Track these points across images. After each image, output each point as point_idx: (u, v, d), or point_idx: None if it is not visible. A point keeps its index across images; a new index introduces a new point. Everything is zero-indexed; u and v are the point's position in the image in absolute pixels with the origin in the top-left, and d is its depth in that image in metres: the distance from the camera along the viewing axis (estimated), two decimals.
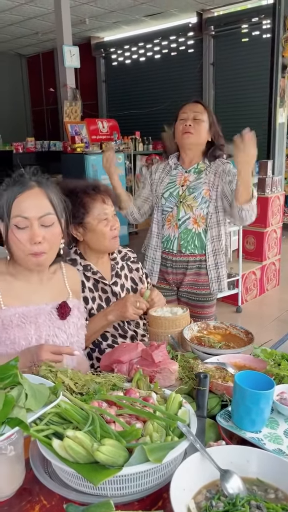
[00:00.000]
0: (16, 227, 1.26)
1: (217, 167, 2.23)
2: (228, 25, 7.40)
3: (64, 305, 1.38)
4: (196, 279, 2.26)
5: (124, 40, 8.96)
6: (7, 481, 0.92)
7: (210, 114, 2.23)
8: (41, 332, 1.32)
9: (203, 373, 1.15)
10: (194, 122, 2.18)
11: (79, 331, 1.43)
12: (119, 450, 0.87)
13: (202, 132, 2.19)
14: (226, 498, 0.85)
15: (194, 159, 2.26)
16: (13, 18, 7.73)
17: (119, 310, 1.64)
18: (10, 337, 1.28)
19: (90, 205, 1.68)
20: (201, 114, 2.19)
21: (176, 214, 2.22)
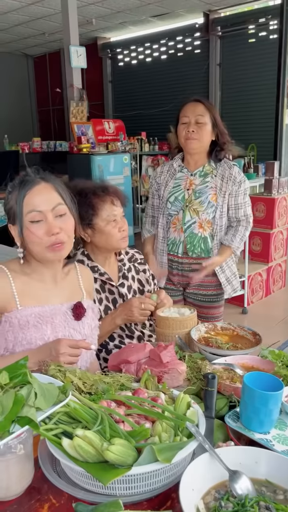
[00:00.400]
0: (31, 223, 1.27)
1: (224, 171, 2.20)
2: (235, 26, 7.38)
3: (79, 305, 1.38)
4: (202, 280, 2.25)
5: (131, 41, 8.96)
6: (17, 479, 0.92)
7: (213, 113, 2.17)
8: (57, 333, 1.32)
9: (211, 373, 1.16)
10: (197, 127, 2.13)
11: (93, 331, 1.44)
12: (129, 449, 0.87)
13: (205, 135, 2.15)
14: (235, 498, 0.85)
15: (199, 161, 2.23)
16: (20, 19, 7.75)
17: (125, 314, 1.65)
18: (27, 337, 1.28)
19: (99, 206, 1.68)
20: (203, 116, 2.13)
21: (181, 218, 2.21)
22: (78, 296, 1.45)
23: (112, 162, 6.07)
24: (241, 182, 2.20)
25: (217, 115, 2.19)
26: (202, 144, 2.17)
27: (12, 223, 1.31)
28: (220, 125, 2.18)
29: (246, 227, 2.26)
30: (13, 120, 10.03)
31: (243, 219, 2.24)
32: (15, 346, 1.29)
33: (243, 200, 2.23)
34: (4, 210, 1.34)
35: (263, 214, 4.65)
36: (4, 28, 8.34)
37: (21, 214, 1.27)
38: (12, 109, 10.18)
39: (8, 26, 8.23)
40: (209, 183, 2.19)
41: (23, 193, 1.27)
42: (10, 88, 10.18)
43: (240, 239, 2.24)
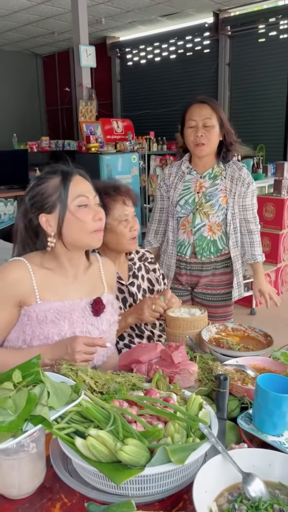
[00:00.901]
0: (78, 208, 1.30)
1: (233, 172, 2.18)
2: (245, 25, 7.33)
3: (98, 301, 1.38)
4: (211, 280, 2.25)
5: (140, 40, 8.95)
6: (29, 478, 0.92)
7: (219, 113, 2.13)
8: (74, 329, 1.32)
9: (223, 375, 1.15)
10: (205, 130, 2.09)
11: (111, 327, 1.43)
12: (142, 450, 0.87)
13: (214, 138, 2.12)
14: (249, 501, 0.84)
15: (208, 163, 2.21)
16: (30, 18, 7.76)
17: (136, 313, 1.65)
18: (44, 332, 1.29)
19: (110, 206, 1.67)
20: (211, 119, 2.09)
21: (191, 221, 2.20)
22: (99, 290, 1.44)
23: (120, 161, 6.07)
24: (249, 183, 2.19)
25: (223, 114, 2.15)
26: (211, 148, 2.15)
27: (48, 212, 1.31)
28: (226, 125, 2.15)
29: (257, 231, 2.26)
30: (22, 119, 10.06)
31: (253, 221, 2.24)
32: (32, 340, 1.29)
33: (251, 201, 2.22)
34: (33, 201, 1.33)
35: (272, 214, 4.63)
36: (13, 27, 8.36)
37: (66, 200, 1.29)
38: (21, 108, 10.20)
39: (18, 25, 8.25)
40: (219, 186, 2.18)
41: (69, 179, 1.31)
42: (19, 87, 10.20)
43: (259, 247, 2.27)
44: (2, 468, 0.91)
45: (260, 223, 2.35)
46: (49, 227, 1.31)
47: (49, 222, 1.31)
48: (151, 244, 2.35)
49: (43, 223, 1.32)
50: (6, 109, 9.45)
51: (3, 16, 7.66)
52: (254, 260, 2.26)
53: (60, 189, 1.30)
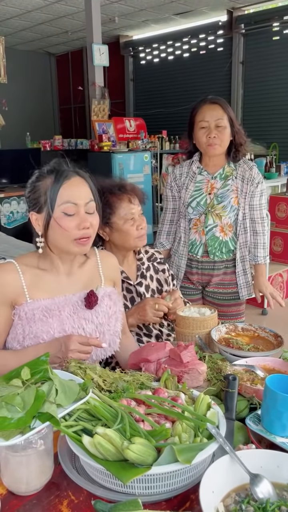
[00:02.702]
0: (64, 214, 1.27)
1: (244, 172, 2.17)
2: (259, 23, 7.28)
3: (91, 294, 1.36)
4: (222, 279, 2.24)
5: (153, 39, 8.93)
6: (37, 474, 0.93)
7: (230, 113, 2.11)
8: (64, 325, 1.31)
9: (232, 375, 1.14)
10: (218, 131, 2.08)
11: (110, 319, 1.40)
12: (149, 449, 0.87)
13: (226, 139, 2.11)
14: (256, 502, 0.84)
15: (218, 163, 2.20)
16: (44, 17, 7.81)
17: (138, 314, 1.65)
18: (33, 331, 1.29)
19: (116, 204, 1.67)
20: (222, 119, 2.08)
21: (204, 221, 2.19)
22: (95, 283, 1.43)
23: (132, 160, 6.08)
24: (258, 183, 2.17)
25: (233, 114, 2.14)
26: (224, 148, 2.14)
27: (38, 211, 1.30)
28: (236, 125, 2.13)
29: (262, 232, 2.23)
30: (35, 118, 10.12)
31: (259, 222, 2.21)
32: (24, 339, 1.29)
33: (259, 201, 2.19)
34: (28, 197, 1.33)
35: (285, 214, 4.59)
36: (28, 27, 8.42)
37: (53, 204, 1.26)
38: (34, 107, 10.27)
39: (32, 25, 8.30)
40: (230, 186, 2.16)
41: (60, 182, 1.27)
42: (33, 86, 10.27)
43: (263, 250, 2.24)
44: (10, 464, 0.92)
45: (272, 222, 2.35)
46: (37, 226, 1.31)
47: (38, 221, 1.31)
48: (164, 246, 2.35)
49: (33, 221, 1.32)
50: (19, 108, 9.51)
51: (17, 16, 7.71)
52: (255, 262, 2.24)
53: (49, 191, 1.27)
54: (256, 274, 2.26)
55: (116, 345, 1.45)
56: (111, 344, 1.43)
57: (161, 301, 1.65)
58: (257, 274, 2.26)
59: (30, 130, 8.53)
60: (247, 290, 2.27)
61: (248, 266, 2.27)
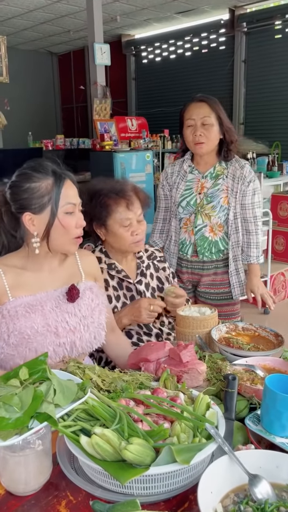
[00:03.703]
0: (65, 214, 1.32)
1: (235, 171, 2.14)
2: (261, 22, 7.25)
3: (72, 288, 1.39)
4: (213, 279, 2.23)
5: (155, 38, 8.92)
6: (35, 475, 0.92)
7: (218, 111, 2.10)
8: (47, 320, 1.33)
9: (231, 374, 1.14)
10: (204, 129, 2.07)
11: (94, 312, 1.42)
12: (147, 449, 0.87)
13: (213, 137, 2.09)
14: (255, 503, 0.83)
15: (209, 161, 2.18)
16: (46, 16, 7.80)
17: (132, 315, 1.64)
18: (17, 327, 1.30)
19: (112, 208, 1.66)
20: (209, 117, 2.07)
21: (193, 221, 2.17)
22: (76, 279, 1.46)
23: (134, 159, 6.06)
24: (250, 181, 2.14)
25: (222, 112, 2.12)
26: (211, 146, 2.12)
27: (36, 212, 1.31)
28: (226, 123, 2.11)
29: (255, 231, 2.20)
30: (37, 117, 10.13)
31: (252, 221, 2.18)
32: (9, 337, 1.30)
33: (251, 200, 2.16)
34: (23, 198, 1.31)
35: (287, 213, 4.57)
36: (29, 26, 8.41)
37: (57, 205, 1.31)
38: (36, 106, 10.27)
39: (34, 24, 8.30)
40: (220, 186, 2.14)
41: (62, 184, 1.32)
42: (35, 86, 10.27)
43: (255, 249, 2.21)
44: (8, 465, 0.91)
45: (274, 221, 2.33)
46: (32, 227, 1.32)
47: (32, 221, 1.31)
48: (157, 244, 2.34)
49: (26, 221, 1.31)
50: (21, 107, 9.52)
51: (19, 15, 7.71)
52: (247, 261, 2.22)
53: (52, 193, 1.31)
54: (249, 274, 2.24)
55: (102, 338, 1.46)
56: (96, 337, 1.44)
57: (156, 301, 1.64)
58: (250, 274, 2.23)
59: (32, 129, 8.54)
60: (240, 290, 2.25)
61: (241, 266, 2.25)
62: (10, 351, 1.31)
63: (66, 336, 1.35)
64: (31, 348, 1.29)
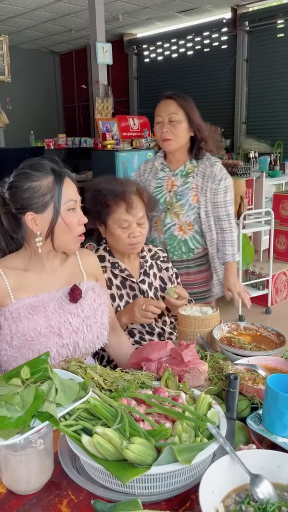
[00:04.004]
0: (68, 211, 1.32)
1: (205, 169, 2.13)
2: (264, 20, 7.24)
3: (74, 288, 1.38)
4: (186, 279, 2.21)
5: (157, 37, 8.92)
6: (36, 474, 0.92)
7: (188, 108, 2.08)
8: (50, 321, 1.32)
9: (233, 374, 1.14)
10: (171, 126, 2.06)
11: (96, 312, 1.42)
12: (148, 449, 0.87)
13: (181, 134, 2.08)
14: (256, 503, 0.83)
15: (181, 159, 2.17)
16: (48, 15, 7.81)
17: (128, 314, 1.64)
18: (20, 329, 1.29)
19: (112, 208, 1.65)
20: (176, 114, 2.06)
21: (163, 219, 2.17)
22: (78, 279, 1.45)
23: (136, 158, 6.06)
24: (221, 179, 2.12)
25: (192, 109, 2.10)
26: (179, 143, 2.11)
27: (38, 211, 1.30)
28: (196, 120, 2.09)
29: (230, 229, 2.19)
30: (39, 116, 10.13)
31: (225, 219, 2.17)
32: (12, 339, 1.29)
33: (223, 199, 2.15)
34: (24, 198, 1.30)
35: None
36: (31, 25, 8.41)
37: (59, 202, 1.30)
38: (38, 105, 10.28)
39: (36, 23, 8.30)
40: (190, 184, 2.13)
41: (62, 181, 1.32)
42: (37, 85, 10.28)
43: (231, 247, 2.20)
44: (10, 464, 0.91)
45: (276, 220, 2.32)
46: (35, 226, 1.31)
47: (35, 221, 1.31)
48: None
49: (28, 221, 1.30)
50: (23, 106, 9.53)
51: (21, 14, 7.71)
52: (223, 259, 2.20)
53: (54, 190, 1.30)
54: (226, 273, 2.22)
55: (104, 338, 1.46)
56: (99, 337, 1.43)
57: (152, 301, 1.61)
58: (227, 272, 2.21)
59: (34, 128, 8.54)
60: (220, 288, 2.25)
61: (218, 264, 2.24)
62: (13, 353, 1.30)
63: (69, 337, 1.34)
64: (34, 350, 1.29)
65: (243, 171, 5.34)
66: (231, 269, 2.21)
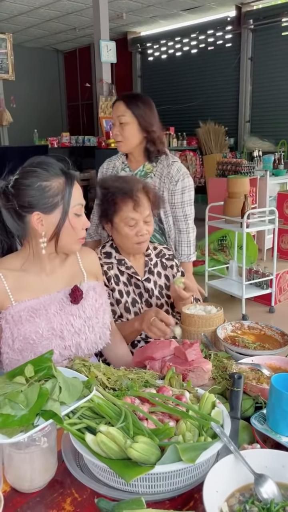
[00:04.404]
0: (75, 215, 1.32)
1: (162, 169, 2.11)
2: (268, 19, 7.22)
3: (75, 289, 1.36)
4: None
5: (161, 35, 8.91)
6: (40, 472, 0.92)
7: (136, 109, 2.06)
8: (52, 323, 1.31)
9: (237, 373, 1.13)
10: (120, 128, 2.06)
11: (98, 312, 1.41)
12: (152, 448, 0.86)
13: (129, 135, 2.07)
14: (260, 503, 0.83)
15: (140, 159, 2.16)
16: (52, 14, 7.81)
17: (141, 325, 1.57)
18: (21, 332, 1.28)
19: (119, 207, 1.65)
20: (124, 116, 2.05)
21: None
22: (79, 278, 1.44)
23: None
24: (178, 180, 2.10)
25: (141, 110, 2.08)
26: (129, 145, 2.11)
27: (44, 211, 1.28)
28: (146, 121, 2.08)
29: (186, 230, 2.18)
30: (43, 115, 10.14)
31: (182, 220, 2.16)
32: (14, 343, 1.28)
33: (180, 199, 2.13)
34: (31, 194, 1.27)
35: None
36: (35, 24, 8.42)
37: (69, 205, 1.30)
38: (42, 104, 10.28)
39: (40, 22, 8.30)
40: None
41: (72, 184, 1.32)
42: (41, 83, 10.29)
43: (186, 247, 2.19)
44: (13, 462, 0.92)
45: (280, 219, 2.30)
46: (40, 227, 1.28)
47: (41, 221, 1.28)
48: (92, 236, 2.30)
49: (34, 221, 1.28)
50: (27, 105, 9.54)
51: (25, 13, 7.72)
52: (179, 259, 2.18)
53: (64, 192, 1.29)
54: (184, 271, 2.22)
55: (106, 337, 1.45)
56: (101, 337, 1.42)
57: (161, 315, 1.51)
58: (185, 271, 2.16)
59: (37, 127, 8.55)
60: None
61: None
62: (15, 356, 1.29)
63: (71, 339, 1.33)
64: (36, 353, 1.27)
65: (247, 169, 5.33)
66: (187, 269, 2.20)
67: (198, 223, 2.48)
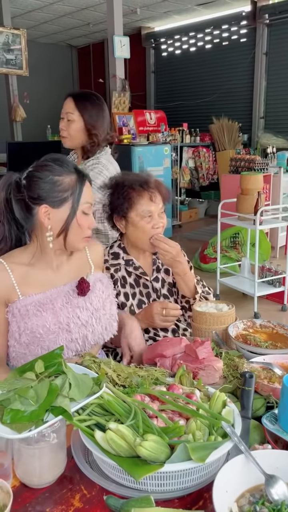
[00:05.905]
0: (83, 213, 1.33)
1: (85, 170, 2.08)
2: (284, 13, 7.12)
3: (82, 281, 1.37)
4: None
5: (175, 30, 8.84)
6: (49, 467, 0.93)
7: (84, 109, 2.07)
8: (58, 317, 1.31)
9: (248, 372, 1.12)
10: (66, 124, 2.08)
11: (105, 303, 1.41)
12: (161, 446, 0.86)
13: (73, 133, 2.09)
14: (271, 504, 0.82)
15: (81, 158, 2.18)
16: (66, 9, 7.81)
17: (147, 320, 1.61)
18: (28, 326, 1.28)
19: (135, 200, 1.64)
20: (72, 113, 2.07)
21: None
22: (86, 270, 1.45)
23: (152, 153, 6.04)
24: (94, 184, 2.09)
25: (88, 109, 2.08)
26: (72, 142, 2.13)
27: (53, 205, 1.29)
28: (90, 123, 2.08)
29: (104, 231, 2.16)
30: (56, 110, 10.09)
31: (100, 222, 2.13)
32: (20, 336, 1.29)
33: None
34: (42, 186, 1.28)
35: None
36: (49, 19, 8.43)
37: (78, 202, 1.31)
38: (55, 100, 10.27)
39: (54, 17, 8.31)
40: None
41: (84, 182, 1.33)
42: (54, 79, 10.30)
43: None
44: (23, 457, 0.92)
45: None
46: (47, 220, 1.29)
47: (48, 214, 1.29)
48: None
49: (41, 214, 1.29)
50: (41, 100, 9.56)
51: (39, 8, 7.73)
52: None
53: (74, 189, 1.30)
54: None
55: (113, 329, 1.45)
56: (108, 328, 1.43)
57: (169, 305, 1.58)
58: None
59: (51, 123, 8.56)
60: None
61: None
62: (22, 350, 1.30)
63: (78, 331, 1.33)
64: (43, 347, 1.28)
65: (261, 166, 5.28)
66: None
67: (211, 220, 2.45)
